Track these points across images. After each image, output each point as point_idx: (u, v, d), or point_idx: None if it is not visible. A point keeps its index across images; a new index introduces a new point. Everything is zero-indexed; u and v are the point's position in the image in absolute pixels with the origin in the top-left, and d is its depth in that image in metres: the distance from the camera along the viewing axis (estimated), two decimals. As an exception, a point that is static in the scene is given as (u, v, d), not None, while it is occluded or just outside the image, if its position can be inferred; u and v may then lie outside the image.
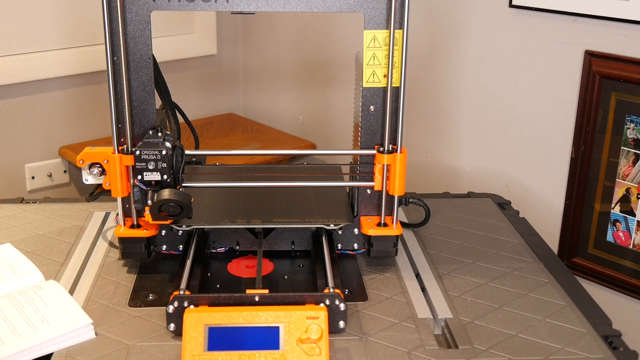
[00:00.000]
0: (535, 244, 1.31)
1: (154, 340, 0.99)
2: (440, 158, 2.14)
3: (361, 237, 1.23)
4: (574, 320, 1.05)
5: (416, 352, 0.97)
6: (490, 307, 1.09)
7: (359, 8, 1.10)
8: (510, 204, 1.49)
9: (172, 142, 1.10)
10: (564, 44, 1.78)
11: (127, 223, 1.16)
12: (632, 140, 1.70)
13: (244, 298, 0.99)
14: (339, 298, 1.00)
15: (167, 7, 1.08)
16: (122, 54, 1.08)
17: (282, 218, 1.18)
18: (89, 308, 1.07)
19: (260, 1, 1.09)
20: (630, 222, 1.74)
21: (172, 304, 0.99)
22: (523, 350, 0.98)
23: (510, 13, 1.87)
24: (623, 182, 1.73)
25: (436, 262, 1.23)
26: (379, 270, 1.20)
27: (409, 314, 1.07)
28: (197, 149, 1.39)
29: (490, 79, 1.97)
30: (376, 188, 1.18)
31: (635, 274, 1.76)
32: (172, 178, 1.09)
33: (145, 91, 1.12)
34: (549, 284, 1.16)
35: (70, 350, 0.97)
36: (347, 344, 0.99)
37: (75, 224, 1.36)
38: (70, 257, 1.23)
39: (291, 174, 1.33)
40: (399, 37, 1.10)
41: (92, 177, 1.12)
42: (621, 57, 1.68)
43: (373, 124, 1.16)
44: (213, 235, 1.24)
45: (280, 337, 0.94)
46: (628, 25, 1.65)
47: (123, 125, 1.11)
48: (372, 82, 1.14)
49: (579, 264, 1.86)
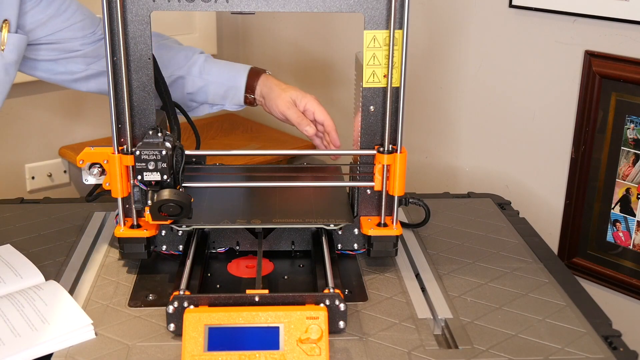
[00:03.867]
0: (535, 244, 1.31)
1: (154, 341, 0.99)
2: (440, 158, 2.15)
3: (361, 237, 1.23)
4: (574, 320, 1.05)
5: (416, 352, 0.97)
6: (490, 307, 1.09)
7: (359, 8, 1.10)
8: (510, 204, 1.49)
9: (172, 142, 1.10)
10: (564, 44, 1.78)
11: (127, 223, 1.16)
12: (632, 140, 1.70)
13: (244, 298, 0.99)
14: (339, 298, 1.00)
15: (167, 7, 1.08)
16: (122, 54, 1.08)
17: (282, 218, 1.18)
18: (89, 308, 1.07)
19: (260, 1, 1.09)
20: (630, 222, 1.74)
21: (172, 304, 0.99)
22: (523, 351, 0.98)
23: (510, 13, 1.87)
24: (623, 182, 1.73)
25: (436, 262, 1.23)
26: (379, 271, 1.20)
27: (409, 314, 1.07)
28: (199, 148, 1.40)
29: (490, 79, 1.97)
30: (376, 188, 1.18)
31: (635, 274, 1.76)
32: (172, 178, 1.09)
33: (145, 91, 1.12)
34: (549, 284, 1.16)
35: (70, 350, 0.97)
36: (347, 344, 0.99)
37: (75, 224, 1.36)
38: (70, 257, 1.23)
39: (291, 174, 1.33)
40: (399, 37, 1.10)
41: (92, 177, 1.12)
42: (621, 57, 1.68)
43: (373, 124, 1.16)
44: (213, 235, 1.24)
45: (280, 337, 0.94)
46: (628, 25, 1.65)
47: (123, 126, 1.11)
48: (372, 82, 1.14)
49: (579, 264, 1.86)
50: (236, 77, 1.42)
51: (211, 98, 1.44)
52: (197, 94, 1.44)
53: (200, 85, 1.42)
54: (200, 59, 1.43)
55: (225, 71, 1.43)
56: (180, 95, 1.43)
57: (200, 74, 1.42)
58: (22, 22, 1.27)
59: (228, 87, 1.42)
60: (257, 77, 1.42)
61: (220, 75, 1.42)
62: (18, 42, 1.25)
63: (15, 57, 1.26)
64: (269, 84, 1.40)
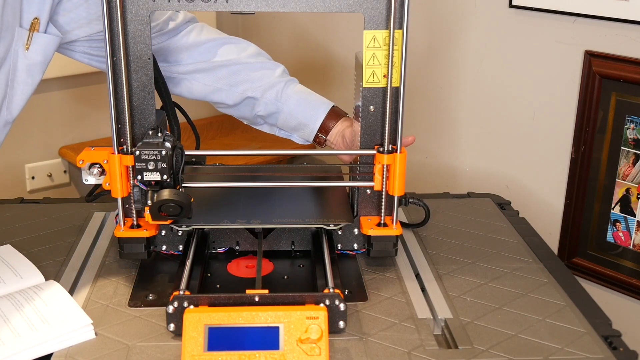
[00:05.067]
0: (535, 244, 1.31)
1: (154, 341, 0.99)
2: (440, 158, 2.15)
3: (361, 237, 1.23)
4: (574, 320, 1.05)
5: (416, 352, 0.97)
6: (490, 307, 1.09)
7: (358, 8, 1.10)
8: (510, 204, 1.49)
9: (172, 142, 1.10)
10: (564, 44, 1.78)
11: (127, 223, 1.16)
12: (632, 140, 1.70)
13: (244, 298, 0.99)
14: (338, 298, 1.00)
15: (167, 7, 1.08)
16: (122, 54, 1.08)
17: (282, 218, 1.18)
18: (89, 308, 1.07)
19: (260, 1, 1.09)
20: (630, 222, 1.74)
21: (172, 304, 0.99)
22: (523, 351, 0.98)
23: (510, 13, 1.87)
24: (623, 182, 1.73)
25: (436, 262, 1.23)
26: (379, 271, 1.20)
27: (409, 314, 1.07)
28: (198, 148, 1.39)
29: (490, 79, 1.97)
30: (376, 188, 1.18)
31: (635, 274, 1.76)
32: (172, 178, 1.09)
33: (145, 91, 1.12)
34: (549, 284, 1.16)
35: (70, 350, 0.97)
36: (347, 344, 0.99)
37: (75, 224, 1.36)
38: (70, 257, 1.23)
39: (291, 174, 1.33)
40: (398, 37, 1.10)
41: (92, 177, 1.12)
42: (621, 57, 1.68)
43: (373, 124, 1.16)
44: (213, 235, 1.24)
45: (280, 337, 0.94)
46: (628, 25, 1.65)
47: (123, 126, 1.11)
48: (372, 82, 1.14)
49: (579, 264, 1.86)
50: (313, 116, 1.34)
51: (280, 124, 1.38)
52: (267, 117, 1.37)
53: (273, 111, 1.36)
54: (280, 85, 1.35)
55: (304, 106, 1.34)
56: (249, 113, 1.38)
57: (275, 100, 1.35)
58: (62, 21, 1.21)
59: (301, 123, 1.34)
60: (336, 118, 1.33)
61: (296, 108, 1.34)
62: (45, 43, 1.18)
63: (41, 58, 1.19)
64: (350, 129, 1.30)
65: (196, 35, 1.37)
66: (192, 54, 1.36)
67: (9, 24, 1.14)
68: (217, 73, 1.36)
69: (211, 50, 1.37)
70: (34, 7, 1.17)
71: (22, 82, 1.19)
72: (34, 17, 1.17)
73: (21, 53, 1.17)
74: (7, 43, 1.15)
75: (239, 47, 1.39)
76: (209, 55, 1.36)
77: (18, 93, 1.20)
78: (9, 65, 1.17)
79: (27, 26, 1.16)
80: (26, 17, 1.16)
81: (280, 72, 1.38)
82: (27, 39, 1.17)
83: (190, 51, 1.36)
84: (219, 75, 1.36)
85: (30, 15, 1.17)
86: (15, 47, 1.16)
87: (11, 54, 1.16)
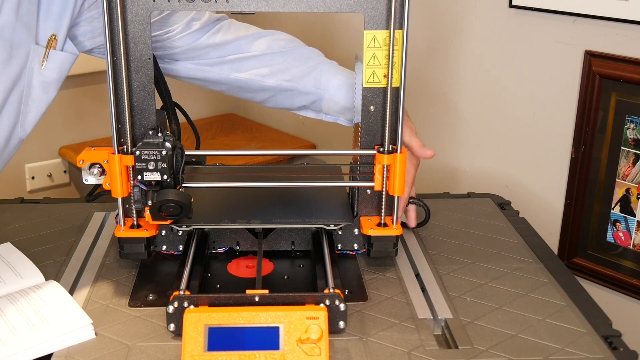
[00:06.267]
0: (535, 244, 1.31)
1: (154, 341, 0.99)
2: (440, 158, 2.15)
3: (361, 237, 1.23)
4: (574, 320, 1.05)
5: (416, 352, 0.97)
6: (490, 307, 1.09)
7: (359, 8, 1.10)
8: (510, 204, 1.49)
9: (172, 142, 1.10)
10: (564, 44, 1.78)
11: (127, 223, 1.16)
12: (632, 140, 1.70)
13: (244, 298, 0.99)
14: (339, 298, 1.00)
15: (167, 7, 1.08)
16: (122, 54, 1.08)
17: (282, 218, 1.18)
18: (89, 308, 1.07)
19: (260, 1, 1.09)
20: (630, 222, 1.74)
21: (172, 304, 0.99)
22: (523, 351, 0.98)
23: (510, 13, 1.87)
24: (623, 182, 1.73)
25: (436, 262, 1.23)
26: (379, 271, 1.20)
27: (409, 314, 1.07)
28: (199, 148, 1.39)
29: (490, 79, 1.97)
30: (376, 188, 1.18)
31: (635, 274, 1.76)
32: (172, 178, 1.09)
33: (145, 91, 1.12)
34: (549, 284, 1.16)
35: (70, 350, 0.97)
36: (347, 344, 0.99)
37: (75, 224, 1.36)
38: (70, 257, 1.23)
39: (291, 174, 1.33)
40: (399, 37, 1.10)
41: (92, 177, 1.12)
42: (621, 57, 1.68)
43: (373, 124, 1.16)
44: (213, 235, 1.24)
45: (280, 338, 0.94)
46: (628, 25, 1.65)
47: (123, 126, 1.11)
48: (372, 82, 1.14)
49: (579, 264, 1.87)
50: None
51: (325, 110, 1.35)
52: (311, 105, 1.35)
53: (314, 99, 1.33)
54: (316, 70, 1.32)
55: (345, 89, 1.30)
56: (289, 104, 1.36)
57: (315, 87, 1.32)
58: (81, 31, 1.19)
59: (344, 107, 1.31)
60: None
61: (337, 92, 1.30)
62: (61, 60, 1.17)
63: (56, 76, 1.17)
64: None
65: (223, 34, 1.35)
66: (222, 52, 1.34)
67: (22, 41, 1.12)
68: (250, 64, 1.33)
69: (241, 48, 1.34)
70: (50, 24, 1.15)
71: (37, 99, 1.18)
72: (51, 33, 1.15)
73: (36, 70, 1.15)
74: (21, 61, 1.13)
75: (268, 39, 1.36)
76: (240, 50, 1.34)
77: (32, 110, 1.19)
78: (24, 83, 1.15)
79: (43, 43, 1.15)
80: (42, 34, 1.15)
81: (316, 57, 1.35)
82: (43, 56, 1.15)
83: (220, 49, 1.33)
84: (251, 67, 1.33)
85: (46, 33, 1.15)
86: (30, 64, 1.14)
87: (26, 71, 1.15)
